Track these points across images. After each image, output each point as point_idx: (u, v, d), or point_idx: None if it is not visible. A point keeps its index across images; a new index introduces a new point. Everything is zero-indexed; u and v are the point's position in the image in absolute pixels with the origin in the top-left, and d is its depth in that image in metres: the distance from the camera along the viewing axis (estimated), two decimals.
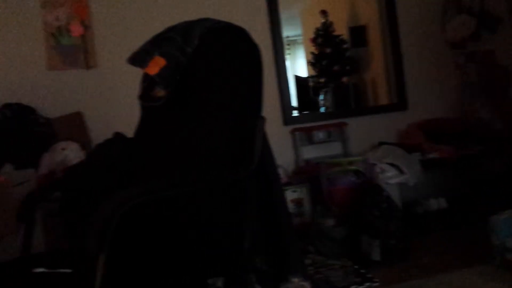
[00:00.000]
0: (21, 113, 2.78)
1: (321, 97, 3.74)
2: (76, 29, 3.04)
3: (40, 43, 3.02)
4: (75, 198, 1.45)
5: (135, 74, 1.67)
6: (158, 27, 1.62)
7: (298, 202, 3.00)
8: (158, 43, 1.51)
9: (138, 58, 1.48)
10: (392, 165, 2.85)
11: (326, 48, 3.74)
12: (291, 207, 2.93)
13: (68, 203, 1.46)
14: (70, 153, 2.61)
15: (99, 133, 2.85)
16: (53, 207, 2.05)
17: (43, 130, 2.78)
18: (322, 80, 3.76)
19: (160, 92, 1.48)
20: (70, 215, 1.45)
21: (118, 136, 1.65)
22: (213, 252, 1.25)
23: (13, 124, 2.71)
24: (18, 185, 1.72)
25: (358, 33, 3.78)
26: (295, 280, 1.34)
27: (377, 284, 2.13)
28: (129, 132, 1.68)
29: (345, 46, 3.76)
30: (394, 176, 2.81)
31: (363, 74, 3.83)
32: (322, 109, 3.74)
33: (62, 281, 1.12)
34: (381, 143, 3.26)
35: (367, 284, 2.14)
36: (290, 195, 2.96)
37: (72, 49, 3.04)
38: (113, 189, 1.04)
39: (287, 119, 3.38)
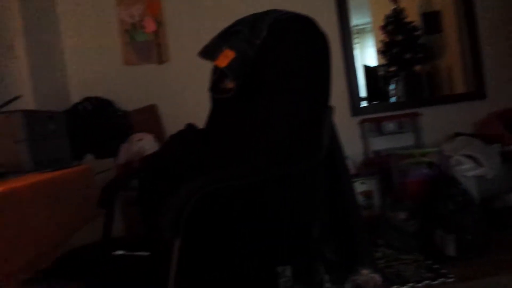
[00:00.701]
0: (100, 106, 2.95)
1: (392, 86, 3.63)
2: (149, 26, 3.17)
3: (116, 40, 3.18)
4: (151, 186, 1.52)
5: (205, 68, 1.72)
6: (227, 21, 1.65)
7: (367, 194, 2.94)
8: (227, 37, 1.54)
9: (209, 51, 1.52)
10: (469, 157, 2.71)
11: (397, 36, 3.62)
12: (359, 199, 2.88)
13: (145, 191, 1.54)
14: (146, 144, 2.73)
15: (172, 125, 2.97)
16: (130, 195, 2.17)
17: (121, 122, 2.94)
18: (392, 69, 3.64)
19: (230, 84, 1.51)
20: (146, 203, 1.53)
21: (190, 127, 1.70)
22: (281, 241, 1.27)
23: (93, 117, 2.88)
24: (99, 173, 1.83)
25: (432, 19, 3.62)
26: (365, 271, 1.32)
27: (452, 280, 2.05)
28: (200, 124, 1.73)
29: (417, 33, 3.61)
30: (471, 169, 2.67)
31: (437, 62, 3.66)
32: (393, 99, 3.63)
33: (140, 263, 1.18)
34: (457, 134, 3.10)
35: (441, 279, 2.06)
36: (359, 187, 2.91)
37: (145, 45, 3.18)
38: (186, 178, 1.08)
39: (356, 110, 3.31)
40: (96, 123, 2.84)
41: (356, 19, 3.40)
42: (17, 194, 1.07)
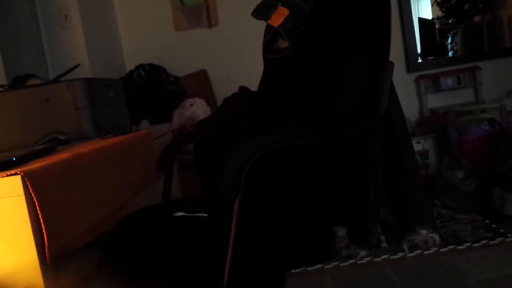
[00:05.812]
0: (153, 73, 3.00)
1: (449, 40, 3.45)
2: None
3: (167, 6, 3.20)
4: (208, 149, 1.55)
5: (255, 30, 1.70)
6: None
7: (422, 154, 2.88)
8: None
9: (262, 11, 1.48)
10: None
11: None
12: None
13: (202, 154, 1.57)
14: (198, 108, 2.78)
15: (222, 89, 2.99)
16: (186, 158, 2.23)
17: (173, 88, 2.99)
18: (450, 21, 3.45)
19: (284, 44, 1.48)
20: (204, 165, 1.57)
21: (244, 90, 1.70)
22: (337, 201, 1.27)
23: (147, 83, 2.95)
24: (156, 138, 1.89)
25: None
26: (423, 231, 1.30)
27: (511, 239, 1.99)
28: (251, 87, 1.73)
29: None
30: None
31: (498, 12, 3.42)
32: (450, 54, 3.46)
33: (200, 224, 1.22)
34: None
35: (499, 239, 2.01)
36: (414, 146, 2.83)
37: (195, 9, 3.17)
38: (242, 140, 1.09)
39: (411, 66, 3.19)
40: (150, 90, 2.90)
41: None
42: (82, 160, 1.11)
